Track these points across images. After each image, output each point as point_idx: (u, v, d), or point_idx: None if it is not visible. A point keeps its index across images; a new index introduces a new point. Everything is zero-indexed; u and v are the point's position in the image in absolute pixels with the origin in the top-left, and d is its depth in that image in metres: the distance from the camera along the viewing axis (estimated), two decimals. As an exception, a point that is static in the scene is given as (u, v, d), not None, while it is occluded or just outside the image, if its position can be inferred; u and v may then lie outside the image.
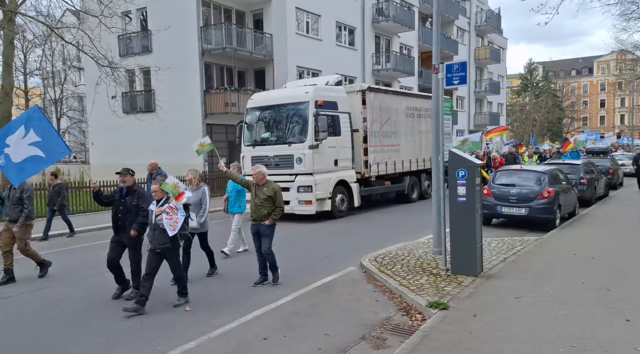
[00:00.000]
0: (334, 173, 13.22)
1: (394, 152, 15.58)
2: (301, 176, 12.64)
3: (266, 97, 14.00)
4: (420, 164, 17.15)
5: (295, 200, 12.65)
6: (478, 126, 43.63)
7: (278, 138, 13.19)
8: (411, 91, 18.56)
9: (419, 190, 17.32)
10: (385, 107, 15.12)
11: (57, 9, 41.42)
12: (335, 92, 13.68)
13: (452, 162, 6.91)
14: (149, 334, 5.27)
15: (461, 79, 6.98)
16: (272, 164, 12.67)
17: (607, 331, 4.77)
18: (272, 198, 6.82)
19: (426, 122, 17.45)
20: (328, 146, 12.88)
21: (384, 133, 15.06)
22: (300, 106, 12.81)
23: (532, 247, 8.84)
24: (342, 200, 13.56)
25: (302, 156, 12.50)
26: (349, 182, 13.73)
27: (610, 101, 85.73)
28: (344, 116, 13.55)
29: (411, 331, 5.16)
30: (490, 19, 43.66)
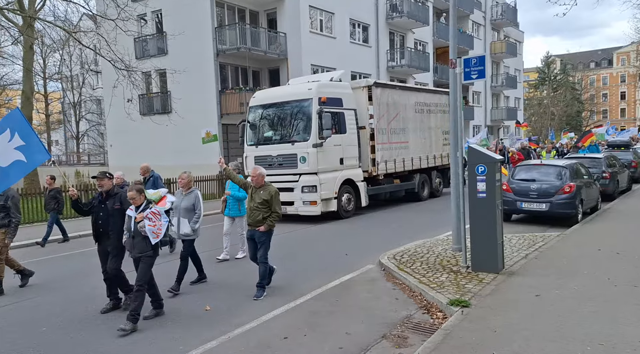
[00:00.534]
0: (339, 172, 12.83)
1: (402, 150, 15.13)
2: (305, 176, 12.27)
3: (268, 95, 13.59)
4: (430, 161, 16.65)
5: (300, 200, 12.31)
6: (495, 121, 43.11)
7: (281, 137, 12.79)
8: (420, 86, 18.05)
9: (429, 188, 16.85)
10: (392, 103, 14.68)
11: (74, 14, 42.12)
12: (340, 88, 13.26)
13: (471, 158, 6.80)
14: (170, 333, 5.30)
15: (479, 73, 6.86)
16: (275, 163, 12.44)
17: (636, 328, 4.63)
18: (268, 202, 6.33)
19: (436, 118, 17.00)
20: (333, 144, 12.51)
21: (392, 130, 14.61)
22: (303, 103, 12.42)
23: (554, 243, 8.67)
24: (349, 200, 13.18)
25: (306, 155, 12.09)
26: (356, 182, 13.35)
27: (630, 92, 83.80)
28: (349, 112, 13.16)
29: (432, 329, 5.09)
30: (506, 12, 43.03)
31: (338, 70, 14.81)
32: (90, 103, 42.67)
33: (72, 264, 9.34)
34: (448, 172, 17.96)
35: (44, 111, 41.90)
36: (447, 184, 18.02)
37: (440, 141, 17.27)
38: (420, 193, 16.25)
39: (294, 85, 14.15)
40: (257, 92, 14.23)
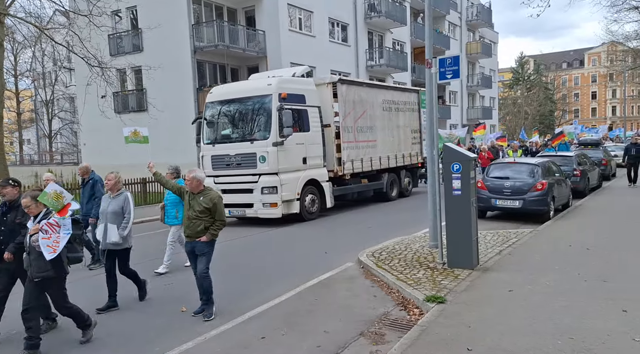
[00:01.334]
0: (302, 172, 12.26)
1: (370, 149, 14.71)
2: (265, 176, 11.66)
3: (227, 90, 12.85)
4: (399, 160, 16.30)
5: (259, 202, 11.69)
6: (471, 120, 43.78)
7: (240, 135, 12.13)
8: (387, 84, 17.56)
9: (398, 187, 16.53)
10: (359, 101, 14.26)
11: (46, 10, 41.11)
12: (303, 84, 12.68)
13: (447, 156, 6.90)
14: (144, 336, 5.23)
15: (454, 73, 6.97)
16: (233, 163, 11.92)
17: (604, 322, 4.78)
18: (209, 210, 5.56)
19: (405, 116, 16.77)
20: (295, 143, 11.93)
21: (358, 128, 14.20)
22: (262, 99, 11.82)
23: (527, 239, 8.88)
24: (313, 201, 12.63)
25: (266, 154, 11.49)
26: (320, 182, 12.81)
27: (601, 92, 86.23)
28: (313, 110, 12.61)
29: (409, 325, 5.16)
30: (481, 14, 43.74)
31: (301, 66, 14.25)
32: (63, 101, 41.71)
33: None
34: (417, 172, 17.95)
35: (15, 109, 40.79)
36: (417, 184, 18.09)
37: (409, 140, 17.07)
38: (389, 193, 15.95)
39: (253, 80, 13.67)
40: (215, 88, 13.56)
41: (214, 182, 11.97)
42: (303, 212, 12.31)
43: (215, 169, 12.25)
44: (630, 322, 4.73)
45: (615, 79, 72.49)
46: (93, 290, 6.70)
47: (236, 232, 11.20)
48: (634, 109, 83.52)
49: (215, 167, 12.24)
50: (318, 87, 13.07)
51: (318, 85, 13.15)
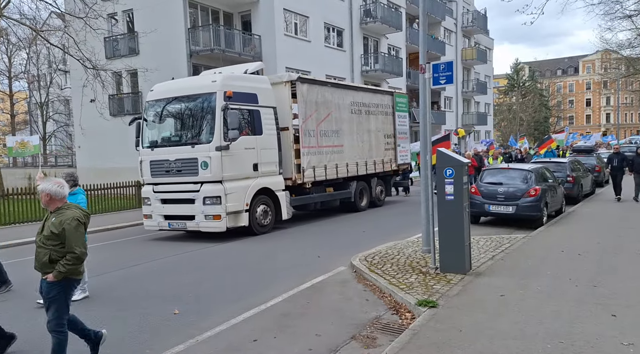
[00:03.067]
0: (253, 180, 11.03)
1: (335, 154, 13.58)
2: (208, 185, 10.44)
3: (169, 88, 11.61)
4: (369, 167, 15.11)
5: (201, 214, 10.49)
6: (466, 125, 43.97)
7: (180, 138, 11.01)
8: (357, 85, 16.14)
9: (368, 196, 15.31)
10: (323, 102, 13.12)
11: (41, 11, 40.95)
12: (255, 82, 11.52)
13: (440, 162, 6.94)
14: (137, 337, 5.22)
15: (447, 79, 7.03)
16: (173, 169, 10.72)
17: (594, 326, 4.82)
18: (58, 237, 4.08)
19: (377, 120, 15.67)
20: (244, 147, 10.75)
21: (322, 132, 13.06)
22: (205, 98, 10.64)
23: (519, 244, 8.92)
24: (266, 212, 11.38)
25: (208, 160, 10.27)
26: (275, 191, 11.60)
27: (595, 99, 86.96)
28: (266, 111, 11.40)
29: (401, 329, 5.17)
30: (477, 20, 44.06)
31: (255, 62, 13.05)
32: (58, 103, 41.56)
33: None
34: (391, 179, 17.02)
35: (9, 111, 40.62)
36: (390, 193, 17.14)
37: (382, 146, 15.97)
38: (358, 203, 14.77)
39: (198, 77, 12.78)
40: (157, 85, 12.29)
41: (152, 191, 11.12)
42: (253, 225, 11.06)
43: (154, 175, 11.10)
44: (619, 326, 4.77)
45: (609, 87, 73.08)
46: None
47: (169, 248, 10.30)
48: (628, 116, 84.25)
49: (154, 173, 11.08)
50: (274, 86, 11.87)
51: (275, 84, 11.93)
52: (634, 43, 28.12)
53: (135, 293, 7.02)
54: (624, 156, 15.16)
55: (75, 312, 4.62)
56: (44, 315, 4.34)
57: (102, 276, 7.91)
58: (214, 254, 9.68)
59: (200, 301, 6.39)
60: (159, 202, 11.04)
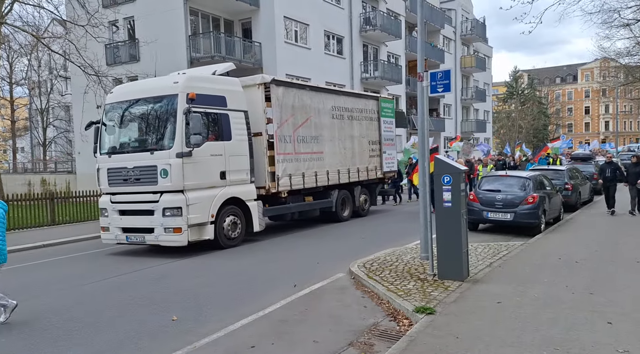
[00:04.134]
0: (220, 189, 10.24)
1: (315, 162, 12.88)
2: (168, 195, 9.63)
3: (129, 89, 10.93)
4: (353, 175, 14.39)
5: (161, 227, 9.65)
6: (465, 132, 44.13)
7: (140, 143, 10.24)
8: (339, 88, 15.35)
9: (351, 206, 14.59)
10: (301, 106, 12.47)
11: (44, 19, 41.24)
12: (224, 84, 10.70)
13: (437, 169, 7.00)
14: (134, 343, 5.24)
15: (445, 87, 7.10)
16: (131, 178, 9.92)
17: (590, 334, 4.85)
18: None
19: (361, 126, 15.02)
20: (210, 154, 10.00)
21: (300, 138, 12.37)
22: (166, 100, 9.86)
23: (517, 252, 8.95)
24: (234, 224, 10.60)
25: (168, 167, 9.48)
26: (246, 201, 10.81)
27: (594, 107, 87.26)
28: (236, 115, 10.65)
29: (398, 336, 5.19)
30: (476, 28, 44.32)
31: (225, 64, 12.36)
32: (58, 109, 41.68)
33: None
34: (376, 188, 16.20)
35: (9, 117, 40.71)
36: (375, 202, 16.36)
37: (367, 152, 15.28)
38: (340, 213, 14.04)
39: (160, 78, 12.16)
40: (117, 87, 11.74)
41: (110, 201, 10.35)
42: (220, 238, 10.31)
43: (112, 184, 10.30)
44: (615, 334, 4.79)
45: (608, 95, 73.38)
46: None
47: (121, 264, 9.46)
48: (627, 124, 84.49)
49: (112, 182, 10.29)
50: (247, 89, 11.14)
51: (247, 87, 11.19)
52: (632, 51, 28.34)
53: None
54: (617, 165, 14.24)
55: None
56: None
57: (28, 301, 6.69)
58: (167, 272, 8.66)
59: (202, 307, 6.41)
60: (116, 213, 10.26)
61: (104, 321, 6.01)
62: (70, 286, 7.94)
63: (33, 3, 16.92)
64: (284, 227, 13.51)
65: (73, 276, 8.70)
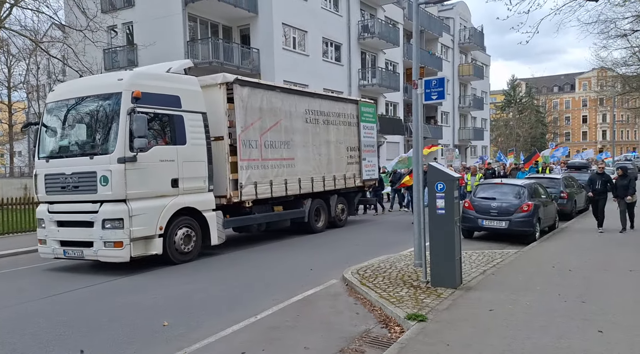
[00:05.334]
0: (171, 198, 9.26)
1: (285, 168, 12.03)
2: (108, 205, 8.64)
3: (72, 88, 9.91)
4: (328, 183, 13.46)
5: (100, 240, 8.64)
6: (462, 140, 44.26)
7: (80, 147, 9.22)
8: (314, 91, 14.65)
9: (326, 216, 13.68)
10: (270, 109, 11.59)
11: (42, 23, 41.35)
12: (178, 82, 9.74)
13: (431, 176, 7.01)
14: (127, 347, 5.21)
15: (439, 95, 7.13)
16: (70, 185, 8.91)
17: (581, 341, 4.85)
18: None
19: (338, 131, 14.05)
20: (159, 159, 9.07)
21: (268, 143, 11.51)
22: (109, 99, 8.90)
23: (511, 259, 8.96)
24: (188, 237, 9.60)
25: (108, 174, 8.52)
26: (202, 211, 9.85)
27: (592, 116, 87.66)
28: (193, 116, 9.73)
29: (389, 343, 5.17)
30: (474, 37, 44.60)
31: (182, 61, 11.52)
32: (56, 113, 41.66)
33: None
34: (355, 197, 15.15)
35: (7, 121, 40.69)
36: (353, 211, 15.46)
37: (344, 159, 14.30)
38: (313, 223, 13.12)
39: (107, 74, 11.20)
40: (59, 85, 10.76)
41: (47, 211, 9.35)
42: (171, 253, 9.31)
43: (49, 192, 9.30)
44: (605, 342, 4.80)
45: (605, 104, 73.73)
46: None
47: (54, 283, 8.38)
48: (624, 133, 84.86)
49: (49, 190, 9.29)
50: (206, 89, 10.29)
51: (207, 87, 10.34)
52: (629, 61, 28.51)
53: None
54: (608, 177, 12.86)
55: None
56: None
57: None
58: (100, 293, 7.65)
59: (193, 312, 6.38)
60: (54, 224, 9.27)
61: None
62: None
63: (32, 7, 16.98)
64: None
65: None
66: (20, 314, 6.57)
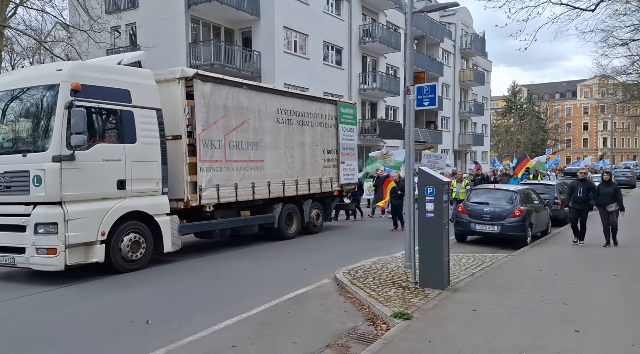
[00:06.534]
0: (116, 201, 8.44)
1: (253, 171, 11.28)
2: (41, 207, 7.82)
3: (9, 79, 9.12)
4: (302, 187, 12.72)
5: (32, 247, 7.81)
6: (462, 145, 44.45)
7: (13, 144, 8.46)
8: (287, 89, 13.85)
9: (299, 221, 12.89)
10: (237, 107, 10.88)
11: (46, 23, 41.63)
12: (128, 75, 8.90)
13: (421, 180, 7.21)
14: (119, 341, 5.41)
15: (430, 101, 7.34)
16: (1, 185, 8.13)
17: (557, 341, 5.04)
18: None
19: (314, 132, 13.28)
20: (102, 159, 8.26)
21: (233, 143, 10.78)
22: (46, 92, 8.14)
23: (501, 263, 9.15)
24: (137, 243, 8.78)
25: (42, 173, 7.75)
26: (154, 216, 9.05)
27: (593, 124, 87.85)
28: (144, 113, 8.94)
29: (375, 340, 5.37)
30: (475, 42, 44.85)
31: (135, 52, 10.83)
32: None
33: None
34: (332, 202, 14.41)
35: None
36: (330, 217, 14.65)
37: (320, 162, 13.52)
38: (284, 229, 12.39)
39: (46, 65, 10.00)
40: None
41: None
42: (116, 261, 8.49)
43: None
44: (580, 342, 5.00)
45: (607, 112, 73.93)
46: None
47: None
48: (624, 141, 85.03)
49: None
50: (163, 84, 9.58)
51: (164, 81, 9.66)
52: (629, 69, 28.70)
53: None
54: (591, 184, 11.43)
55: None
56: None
57: None
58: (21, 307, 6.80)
59: (188, 307, 6.57)
60: None
61: None
62: None
63: (36, 7, 17.25)
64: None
65: None
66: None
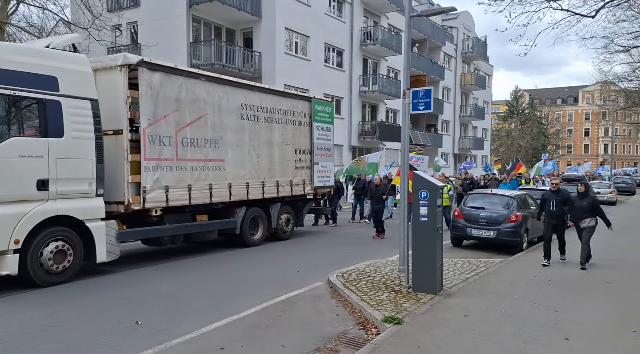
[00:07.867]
0: (36, 204, 7.40)
1: (211, 171, 10.29)
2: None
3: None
4: (269, 189, 11.75)
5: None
6: (462, 149, 44.43)
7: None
8: (255, 84, 12.22)
9: (265, 227, 11.92)
10: (192, 100, 9.89)
11: (48, 20, 41.70)
12: (56, 60, 7.79)
13: (415, 184, 7.21)
14: (108, 341, 5.40)
15: (426, 105, 7.34)
16: None
17: (546, 348, 5.03)
18: None
19: (285, 130, 12.29)
20: (18, 155, 7.21)
21: (187, 140, 9.78)
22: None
23: (495, 268, 9.13)
24: (62, 253, 7.77)
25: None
26: (85, 221, 8.01)
27: (594, 130, 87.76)
28: (75, 103, 7.87)
29: (364, 344, 5.36)
30: (477, 47, 44.85)
31: (67, 35, 9.77)
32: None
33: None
34: (304, 206, 13.54)
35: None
36: (302, 222, 13.55)
37: (292, 163, 12.59)
38: (247, 235, 11.39)
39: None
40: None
41: None
42: (34, 273, 7.44)
43: None
44: (568, 349, 4.98)
45: (608, 118, 73.85)
46: None
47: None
48: (625, 148, 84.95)
49: None
50: (102, 72, 8.67)
51: (103, 69, 8.70)
52: (630, 76, 28.66)
53: None
54: (566, 196, 9.87)
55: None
56: None
57: None
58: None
59: (177, 308, 6.56)
60: None
61: None
62: None
63: (38, 4, 17.25)
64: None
65: None
66: None
